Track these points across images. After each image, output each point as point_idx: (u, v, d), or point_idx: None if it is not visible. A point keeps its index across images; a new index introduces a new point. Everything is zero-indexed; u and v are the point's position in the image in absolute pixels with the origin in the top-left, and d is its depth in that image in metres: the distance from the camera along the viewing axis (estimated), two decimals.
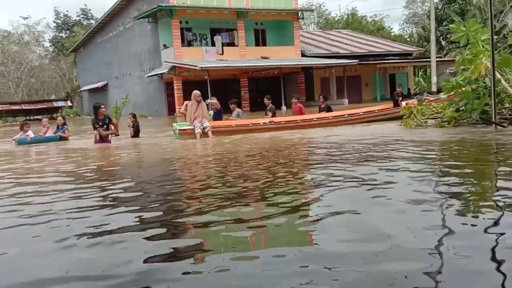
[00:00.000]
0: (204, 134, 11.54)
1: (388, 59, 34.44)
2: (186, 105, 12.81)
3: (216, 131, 11.88)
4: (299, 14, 34.01)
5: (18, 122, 33.13)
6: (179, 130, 11.69)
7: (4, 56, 53.67)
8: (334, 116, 13.78)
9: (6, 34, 57.16)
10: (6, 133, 21.31)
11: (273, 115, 13.97)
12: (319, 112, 14.60)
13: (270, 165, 6.02)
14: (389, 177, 4.55)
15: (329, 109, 14.47)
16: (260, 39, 33.95)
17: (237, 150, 8.66)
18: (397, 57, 35.73)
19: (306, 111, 14.96)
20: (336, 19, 59.36)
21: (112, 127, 11.82)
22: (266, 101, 14.59)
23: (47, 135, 14.12)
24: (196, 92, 11.93)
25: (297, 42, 33.36)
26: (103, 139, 11.35)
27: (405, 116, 10.89)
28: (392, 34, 55.87)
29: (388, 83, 36.10)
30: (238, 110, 14.04)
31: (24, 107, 40.83)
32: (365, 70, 34.13)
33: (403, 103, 13.43)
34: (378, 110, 14.46)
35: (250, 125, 12.84)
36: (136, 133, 13.33)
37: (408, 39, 53.13)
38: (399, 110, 12.67)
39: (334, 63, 31.69)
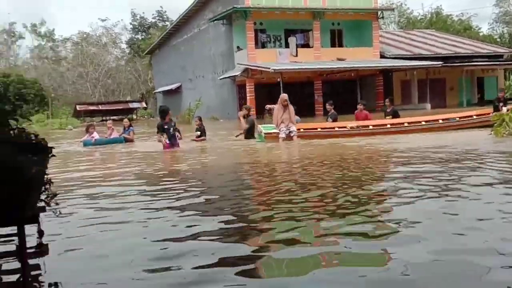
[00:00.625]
0: (288, 138, 11.45)
1: (476, 61, 31.92)
2: (249, 110, 13.47)
3: (302, 135, 11.70)
4: (379, 14, 32.35)
5: (95, 122, 33.91)
6: (265, 133, 11.68)
7: (83, 57, 55.66)
8: (431, 121, 12.76)
9: (85, 35, 59.32)
10: (82, 133, 21.77)
11: (334, 121, 13.50)
12: (385, 117, 13.71)
13: (345, 174, 5.95)
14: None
15: (395, 114, 13.39)
16: (336, 40, 32.65)
17: (315, 156, 8.50)
18: (485, 59, 33.08)
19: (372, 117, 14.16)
20: (418, 18, 56.69)
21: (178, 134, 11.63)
22: (328, 106, 14.18)
23: (112, 136, 14.40)
24: (283, 96, 12.02)
25: (376, 43, 31.71)
26: (172, 143, 10.99)
27: (495, 124, 9.88)
28: (481, 34, 52.30)
29: (476, 87, 33.54)
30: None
31: (101, 108, 41.90)
32: (450, 72, 31.85)
33: (504, 109, 12.02)
34: (476, 115, 13.09)
35: (336, 129, 12.37)
36: (200, 136, 13.42)
37: (499, 40, 49.54)
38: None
39: (416, 65, 29.79)
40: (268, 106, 14.23)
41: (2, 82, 37.07)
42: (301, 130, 11.96)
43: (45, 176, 2.57)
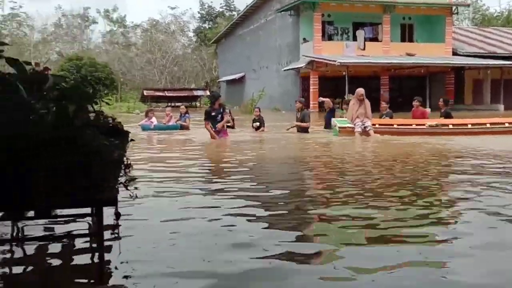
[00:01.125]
0: (365, 133, 11.23)
1: None
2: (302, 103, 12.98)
3: (377, 131, 11.37)
4: (453, 9, 30.98)
5: (160, 108, 34.78)
6: (339, 127, 11.54)
7: (151, 44, 57.13)
8: None
9: (154, 23, 60.82)
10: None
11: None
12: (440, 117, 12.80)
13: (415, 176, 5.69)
14: None
15: (448, 116, 12.45)
16: (406, 35, 31.62)
17: (385, 153, 8.36)
18: None
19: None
20: (494, 15, 53.89)
21: (227, 117, 11.24)
22: (383, 105, 13.59)
23: (170, 123, 14.54)
24: (359, 90, 11.82)
25: (448, 39, 30.43)
26: (218, 131, 10.70)
27: None
28: None
29: None
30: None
31: (167, 94, 42.83)
32: None
33: None
34: None
35: (414, 126, 11.78)
36: (259, 128, 13.22)
37: None
38: None
39: (490, 64, 28.35)
40: (321, 99, 14.04)
41: (75, 65, 38.73)
42: (376, 125, 11.59)
43: (125, 160, 2.60)
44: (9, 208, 2.30)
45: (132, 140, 2.88)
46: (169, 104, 37.45)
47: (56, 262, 2.91)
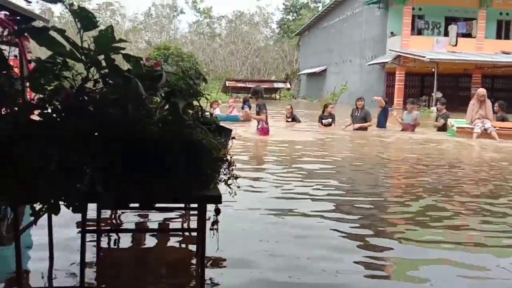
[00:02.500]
0: (486, 134, 10.81)
1: None
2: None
3: (499, 133, 10.78)
4: None
5: (240, 99, 35.20)
6: (457, 127, 11.32)
7: (235, 35, 58.00)
8: None
9: (239, 14, 61.66)
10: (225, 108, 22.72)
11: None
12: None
13: None
14: None
15: (503, 120, 11.65)
16: (503, 32, 29.66)
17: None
18: None
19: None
20: None
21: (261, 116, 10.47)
22: (439, 106, 13.11)
23: (232, 114, 14.50)
24: (480, 91, 11.44)
25: None
26: (258, 128, 10.24)
27: None
28: None
29: None
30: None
31: (248, 85, 43.33)
32: None
33: None
34: None
35: None
36: (330, 124, 13.00)
37: None
38: None
39: None
40: (374, 98, 13.49)
41: (163, 54, 40.12)
42: (497, 128, 11.00)
43: (229, 158, 2.59)
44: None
45: (234, 138, 2.89)
46: (249, 95, 37.91)
47: (154, 254, 2.99)
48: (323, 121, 13.12)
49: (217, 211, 2.66)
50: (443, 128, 12.17)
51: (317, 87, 40.31)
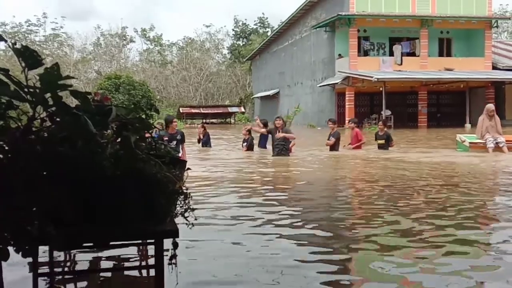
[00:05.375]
0: (498, 149, 11.24)
1: None
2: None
3: (509, 146, 11.30)
4: (493, 23, 30.30)
5: (196, 124, 35.10)
6: (470, 142, 11.70)
7: (187, 61, 58.06)
8: None
9: (190, 41, 61.85)
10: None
11: (337, 140, 12.29)
12: (376, 140, 12.79)
13: None
14: None
15: (388, 139, 12.49)
16: (444, 49, 31.11)
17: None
18: None
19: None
20: None
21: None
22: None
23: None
24: (489, 106, 11.93)
25: (488, 53, 29.78)
26: None
27: None
28: None
29: None
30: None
31: (202, 111, 43.37)
32: None
33: None
34: None
35: None
36: (249, 148, 12.84)
37: None
38: None
39: None
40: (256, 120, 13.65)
41: (114, 83, 39.58)
42: (508, 142, 11.61)
43: (185, 190, 2.57)
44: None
45: (189, 169, 2.87)
46: (204, 121, 37.86)
47: None
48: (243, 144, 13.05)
49: (175, 245, 2.61)
50: (333, 147, 12.10)
51: (271, 110, 40.73)
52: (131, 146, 2.34)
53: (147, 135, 2.69)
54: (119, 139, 2.47)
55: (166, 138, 9.37)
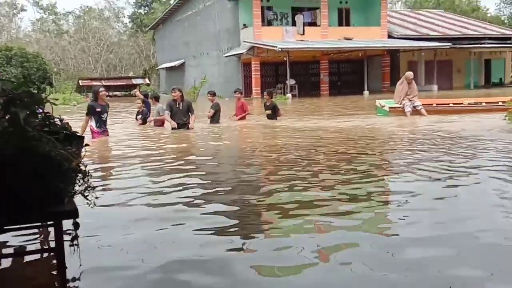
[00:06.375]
0: (416, 112, 12.04)
1: (484, 43, 31.51)
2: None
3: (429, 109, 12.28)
4: None
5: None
6: (389, 107, 12.37)
7: (85, 31, 55.03)
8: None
9: (87, 9, 58.65)
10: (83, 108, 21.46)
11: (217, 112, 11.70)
12: (265, 110, 12.64)
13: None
14: None
15: (274, 109, 12.34)
16: (343, 19, 32.15)
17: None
18: (494, 41, 32.62)
19: None
20: None
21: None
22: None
23: None
24: (409, 74, 12.56)
25: (383, 23, 31.27)
26: (103, 130, 8.96)
27: (510, 110, 9.70)
28: (488, 15, 51.54)
29: (483, 69, 33.23)
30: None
31: (104, 83, 41.51)
32: (458, 54, 31.52)
33: None
34: None
35: (451, 105, 13.21)
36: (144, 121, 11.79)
37: (507, 22, 48.78)
38: None
39: (423, 46, 29.43)
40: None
41: (5, 56, 36.66)
42: (424, 105, 12.50)
43: (83, 168, 2.44)
44: None
45: (87, 145, 2.72)
46: (109, 93, 36.38)
47: (12, 281, 2.71)
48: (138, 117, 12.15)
49: (76, 226, 2.49)
50: (213, 118, 11.57)
51: (177, 81, 39.94)
52: (19, 122, 2.16)
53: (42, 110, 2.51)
54: (7, 116, 2.29)
55: (99, 110, 8.73)
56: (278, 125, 11.23)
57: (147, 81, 45.09)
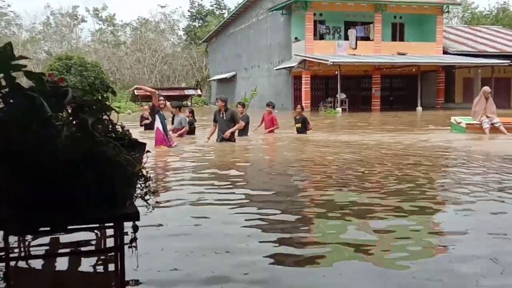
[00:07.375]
0: (495, 129, 11.56)
1: None
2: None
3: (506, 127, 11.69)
4: (444, 8, 31.11)
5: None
6: (466, 124, 11.92)
7: (141, 42, 56.82)
8: None
9: (144, 21, 60.53)
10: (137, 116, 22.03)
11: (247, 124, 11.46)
12: (295, 124, 12.49)
13: None
14: None
15: (304, 122, 12.31)
16: (397, 34, 31.72)
17: None
18: None
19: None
20: (484, 14, 54.35)
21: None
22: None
23: None
24: (486, 89, 12.32)
25: (439, 38, 30.58)
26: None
27: None
28: None
29: None
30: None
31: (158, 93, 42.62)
32: None
33: None
34: None
35: None
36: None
37: None
38: None
39: (480, 63, 28.48)
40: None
41: (65, 64, 38.37)
42: (504, 123, 11.91)
43: (145, 173, 2.54)
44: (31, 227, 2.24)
45: (148, 151, 2.83)
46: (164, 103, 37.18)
47: (70, 279, 2.84)
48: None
49: (135, 228, 2.59)
50: (242, 131, 11.15)
51: (228, 93, 40.50)
52: (88, 128, 2.29)
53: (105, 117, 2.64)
54: (75, 122, 2.42)
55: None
56: (365, 141, 10.73)
57: (199, 92, 45.92)
